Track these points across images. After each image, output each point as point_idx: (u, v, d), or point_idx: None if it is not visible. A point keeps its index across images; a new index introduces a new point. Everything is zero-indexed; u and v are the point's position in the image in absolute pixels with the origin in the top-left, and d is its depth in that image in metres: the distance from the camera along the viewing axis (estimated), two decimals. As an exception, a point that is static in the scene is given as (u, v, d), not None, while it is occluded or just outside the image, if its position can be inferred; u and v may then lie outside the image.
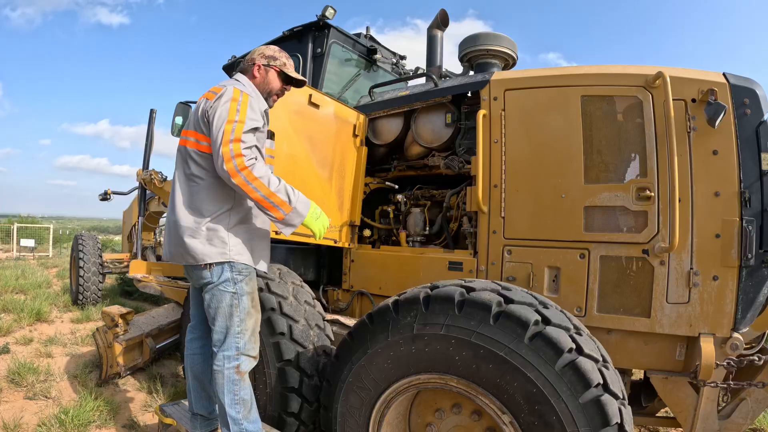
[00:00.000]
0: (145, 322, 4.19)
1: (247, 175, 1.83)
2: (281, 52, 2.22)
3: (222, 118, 1.89)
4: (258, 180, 1.85)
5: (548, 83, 2.53)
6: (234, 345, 2.01)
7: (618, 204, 2.28)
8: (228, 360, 2.00)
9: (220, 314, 2.03)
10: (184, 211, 2.02)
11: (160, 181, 4.85)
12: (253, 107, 1.97)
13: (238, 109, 1.91)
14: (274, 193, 1.88)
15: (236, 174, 1.83)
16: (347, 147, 3.21)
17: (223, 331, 2.03)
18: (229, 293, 2.02)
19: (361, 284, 3.23)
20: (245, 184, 1.84)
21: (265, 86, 2.17)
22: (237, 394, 1.99)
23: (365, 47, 4.20)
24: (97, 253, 6.60)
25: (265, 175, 1.87)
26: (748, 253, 2.08)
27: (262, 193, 1.86)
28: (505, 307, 1.76)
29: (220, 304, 2.02)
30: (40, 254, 15.83)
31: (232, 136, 1.85)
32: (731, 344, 2.10)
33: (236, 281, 2.03)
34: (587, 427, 1.58)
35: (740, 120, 2.15)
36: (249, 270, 2.08)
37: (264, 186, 1.86)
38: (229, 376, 1.99)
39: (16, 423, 2.91)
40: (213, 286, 2.02)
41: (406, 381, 1.92)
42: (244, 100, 1.94)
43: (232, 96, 1.95)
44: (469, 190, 2.73)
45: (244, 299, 2.05)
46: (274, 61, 2.18)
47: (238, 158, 1.82)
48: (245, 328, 2.04)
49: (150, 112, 5.22)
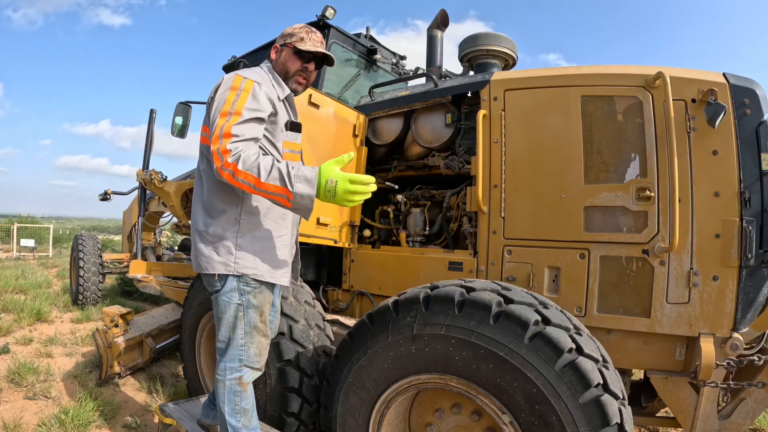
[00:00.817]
0: (145, 322, 4.19)
1: (234, 170, 1.60)
2: (303, 27, 1.97)
3: (218, 110, 1.73)
4: (246, 173, 1.59)
5: (548, 83, 2.53)
6: (237, 356, 1.89)
7: (618, 204, 2.28)
8: (230, 371, 1.89)
9: (223, 324, 1.89)
10: (197, 213, 1.90)
11: (160, 181, 4.85)
12: (256, 95, 1.76)
13: (235, 100, 1.72)
14: (267, 183, 1.58)
15: (223, 172, 1.62)
16: (347, 147, 3.21)
17: (225, 341, 1.90)
18: (234, 304, 1.86)
19: (361, 284, 3.23)
20: (235, 180, 1.62)
21: (281, 68, 1.95)
22: (238, 404, 1.90)
23: (365, 47, 4.20)
24: (97, 253, 6.60)
25: (253, 165, 1.60)
26: (748, 253, 2.08)
27: (255, 186, 1.60)
28: (505, 307, 1.76)
29: (224, 315, 1.88)
30: (40, 254, 15.83)
31: (221, 131, 1.66)
32: (731, 344, 2.10)
33: (243, 292, 1.85)
34: (587, 427, 1.58)
35: (740, 120, 2.15)
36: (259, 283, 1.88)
37: (254, 178, 1.59)
38: (230, 387, 1.89)
39: (16, 423, 2.91)
40: (219, 294, 1.88)
41: (406, 381, 1.92)
42: (246, 87, 1.75)
43: (232, 84, 1.77)
44: (469, 190, 2.73)
45: (250, 312, 1.87)
46: (290, 38, 1.94)
47: (225, 155, 1.62)
48: (250, 341, 1.89)
49: (150, 112, 5.22)
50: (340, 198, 1.59)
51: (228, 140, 1.64)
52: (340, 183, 1.58)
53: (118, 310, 3.87)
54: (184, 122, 4.75)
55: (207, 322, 3.03)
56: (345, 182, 1.58)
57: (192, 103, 4.79)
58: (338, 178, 1.58)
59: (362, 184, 1.60)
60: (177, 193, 4.81)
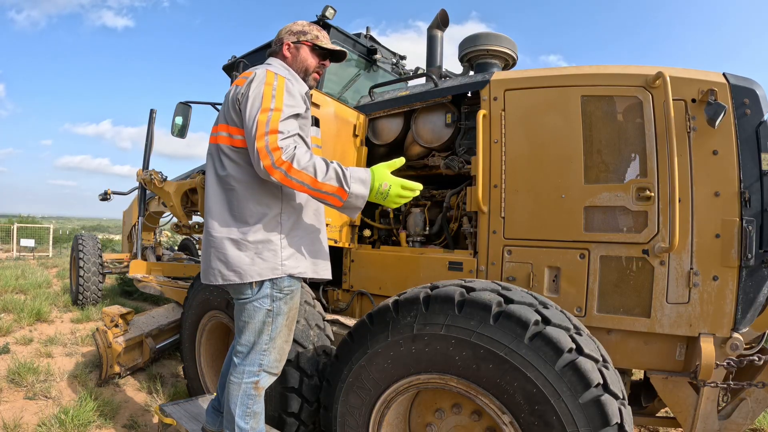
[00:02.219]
0: (145, 322, 4.19)
1: (288, 170, 1.58)
2: (311, 25, 1.98)
3: (255, 106, 1.66)
4: (302, 172, 1.58)
5: (548, 83, 2.53)
6: (258, 361, 1.85)
7: (618, 204, 2.28)
8: (248, 375, 1.86)
9: (249, 329, 1.83)
10: (223, 220, 1.77)
11: (160, 181, 4.85)
12: (291, 91, 1.72)
13: (273, 95, 1.66)
14: (324, 183, 1.60)
15: (275, 171, 1.58)
16: (347, 147, 3.21)
17: (248, 345, 1.85)
18: (264, 310, 1.80)
19: (361, 284, 3.23)
20: (288, 180, 1.59)
21: (300, 65, 1.93)
22: (250, 407, 1.87)
23: (365, 47, 4.20)
24: (97, 253, 6.60)
25: (309, 164, 1.59)
26: (748, 253, 2.08)
27: (309, 186, 1.60)
28: (505, 307, 1.76)
29: (252, 320, 1.82)
30: (40, 254, 15.83)
31: (267, 128, 1.60)
32: (731, 344, 2.10)
33: (275, 299, 1.80)
34: (587, 427, 1.58)
35: (740, 120, 2.15)
36: (292, 288, 1.84)
37: (310, 177, 1.59)
38: (245, 390, 1.86)
39: (16, 423, 2.91)
40: (248, 301, 1.80)
41: (406, 381, 1.92)
42: (279, 83, 1.70)
43: (266, 80, 1.71)
44: (469, 190, 2.73)
45: (279, 319, 1.84)
46: (304, 36, 1.94)
47: (276, 152, 1.58)
48: (273, 346, 1.86)
49: (150, 112, 5.22)
50: (390, 201, 1.69)
51: (276, 137, 1.60)
52: (394, 187, 1.68)
53: (118, 310, 3.88)
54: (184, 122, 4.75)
55: (207, 322, 3.03)
56: (398, 187, 1.69)
57: (192, 103, 4.79)
58: (392, 183, 1.69)
59: (411, 190, 1.72)
60: (177, 193, 4.81)
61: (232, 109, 1.77)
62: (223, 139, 1.80)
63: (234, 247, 1.75)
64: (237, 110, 1.75)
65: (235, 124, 1.76)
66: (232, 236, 1.76)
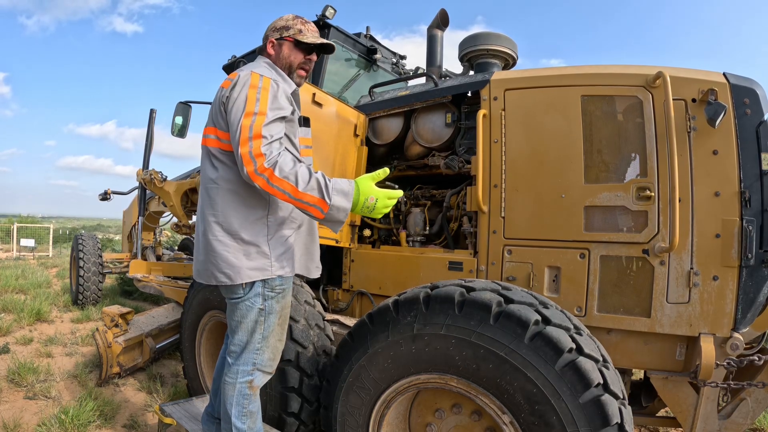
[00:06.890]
0: (145, 322, 4.19)
1: (270, 177, 1.56)
2: (296, 18, 1.91)
3: (239, 110, 1.64)
4: (283, 181, 1.56)
5: (548, 83, 2.53)
6: (251, 360, 1.86)
7: (618, 204, 2.28)
8: (242, 374, 1.86)
9: (241, 328, 1.84)
10: (214, 221, 1.77)
11: (160, 181, 4.86)
12: (276, 93, 1.70)
13: (258, 98, 1.64)
14: (305, 193, 1.57)
15: (257, 177, 1.57)
16: (348, 147, 3.21)
17: (241, 344, 1.86)
18: (257, 309, 1.81)
19: (361, 284, 3.23)
20: (269, 187, 1.57)
21: (284, 62, 1.89)
22: (246, 407, 1.87)
23: (365, 47, 4.20)
24: (97, 253, 6.60)
25: (291, 173, 1.57)
26: (748, 253, 2.08)
27: (291, 195, 1.57)
28: (505, 306, 1.76)
29: (244, 319, 1.82)
30: (40, 254, 15.83)
31: (251, 133, 1.58)
32: (731, 344, 2.10)
33: (267, 298, 1.81)
34: (587, 427, 1.58)
35: (740, 120, 2.15)
36: (284, 287, 1.85)
37: (291, 186, 1.56)
38: (240, 390, 1.86)
39: (16, 423, 2.91)
40: (240, 300, 1.81)
41: (406, 381, 1.92)
42: (264, 85, 1.68)
43: (250, 82, 1.68)
44: (469, 190, 2.73)
45: (271, 317, 1.84)
46: (286, 31, 1.88)
47: (259, 159, 1.56)
48: (266, 345, 1.86)
49: (150, 112, 5.22)
50: (376, 213, 1.67)
51: (259, 142, 1.58)
52: (380, 200, 1.66)
53: (118, 310, 3.88)
54: (184, 122, 4.76)
55: (207, 321, 3.03)
56: (384, 199, 1.67)
57: (192, 103, 4.79)
58: (378, 196, 1.66)
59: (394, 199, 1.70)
60: (177, 193, 4.82)
61: (219, 113, 1.76)
62: (212, 142, 1.80)
63: (224, 248, 1.76)
64: (223, 113, 1.74)
65: (221, 128, 1.76)
66: (222, 238, 1.76)
